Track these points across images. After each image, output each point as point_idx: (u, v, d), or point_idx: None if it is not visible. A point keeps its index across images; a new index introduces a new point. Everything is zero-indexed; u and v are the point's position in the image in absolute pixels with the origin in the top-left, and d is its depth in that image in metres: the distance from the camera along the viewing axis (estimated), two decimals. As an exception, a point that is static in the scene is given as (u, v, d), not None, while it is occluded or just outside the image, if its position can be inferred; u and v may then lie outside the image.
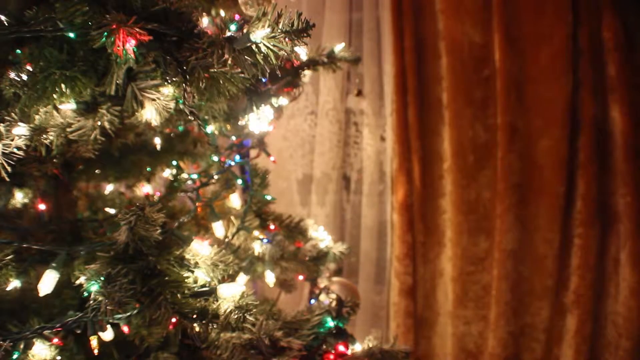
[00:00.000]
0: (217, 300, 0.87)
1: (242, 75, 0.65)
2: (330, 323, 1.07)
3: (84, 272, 0.81)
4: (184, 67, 0.64)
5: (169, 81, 0.67)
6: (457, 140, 1.95)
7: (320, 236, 1.43)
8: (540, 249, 1.92)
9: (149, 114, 0.73)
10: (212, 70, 0.63)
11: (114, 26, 0.59)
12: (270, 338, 0.91)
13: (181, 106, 0.70)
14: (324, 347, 1.04)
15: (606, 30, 1.78)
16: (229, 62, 0.61)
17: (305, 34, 0.60)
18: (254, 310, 0.88)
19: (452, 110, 1.95)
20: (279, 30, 0.59)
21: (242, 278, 1.25)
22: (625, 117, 1.77)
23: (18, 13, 0.68)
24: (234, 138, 1.35)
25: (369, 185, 2.21)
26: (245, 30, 0.61)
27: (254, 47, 0.60)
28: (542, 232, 1.91)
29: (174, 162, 1.38)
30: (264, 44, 0.59)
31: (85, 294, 0.80)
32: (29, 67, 0.68)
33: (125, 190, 1.46)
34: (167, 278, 0.83)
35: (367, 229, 2.22)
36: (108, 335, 0.84)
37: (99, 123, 0.85)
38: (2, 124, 0.70)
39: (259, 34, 0.58)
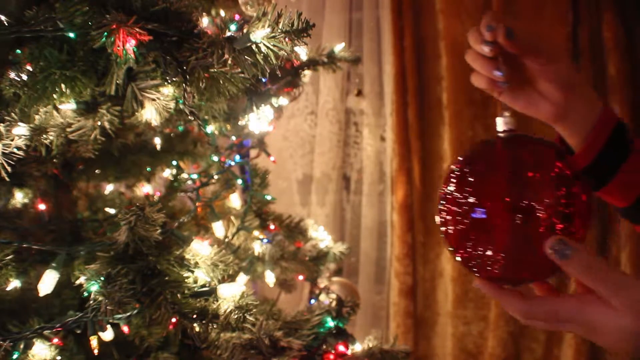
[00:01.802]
0: (217, 300, 0.87)
1: (242, 75, 0.65)
2: (330, 323, 1.06)
3: (84, 272, 0.81)
4: (184, 67, 0.64)
5: (169, 81, 0.67)
6: (457, 140, 1.95)
7: (320, 236, 1.43)
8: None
9: (149, 114, 0.73)
10: (212, 70, 0.63)
11: (114, 26, 0.59)
12: (270, 338, 0.91)
13: (181, 106, 0.70)
14: (324, 347, 1.04)
15: (606, 30, 1.78)
16: (229, 62, 0.61)
17: (305, 34, 0.60)
18: (254, 310, 0.88)
19: (452, 110, 1.95)
20: (279, 30, 0.59)
21: (242, 278, 1.25)
22: (625, 117, 1.77)
23: (18, 13, 0.68)
24: (234, 138, 1.35)
25: (369, 185, 2.21)
26: (245, 30, 0.61)
27: (254, 47, 0.59)
28: (542, 232, 1.91)
29: (174, 162, 1.38)
30: (264, 44, 0.59)
31: (85, 294, 0.80)
32: (29, 67, 0.68)
33: (125, 190, 1.46)
34: (167, 278, 0.83)
35: (367, 229, 2.22)
36: (108, 335, 0.84)
37: (99, 123, 0.85)
38: (2, 124, 0.70)
39: (259, 34, 0.58)
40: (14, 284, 0.92)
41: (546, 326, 0.56)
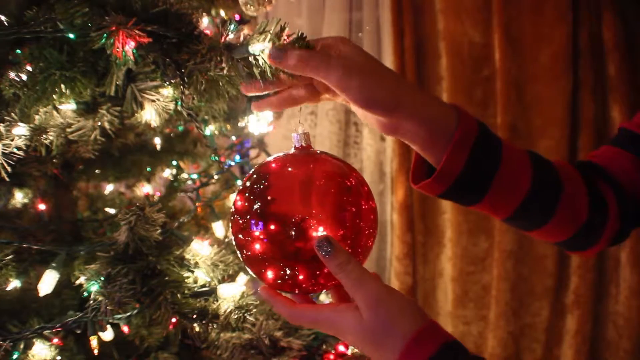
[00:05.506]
0: (217, 300, 0.87)
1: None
2: (330, 323, 1.06)
3: (84, 272, 0.82)
4: (182, 70, 0.64)
5: (168, 83, 0.67)
6: (457, 140, 1.95)
7: (320, 236, 1.42)
8: (540, 249, 1.92)
9: (149, 114, 0.73)
10: (211, 73, 0.63)
11: (114, 28, 0.59)
12: (270, 338, 0.91)
13: (179, 108, 0.70)
14: (324, 347, 1.04)
15: (606, 30, 1.78)
16: (226, 70, 0.61)
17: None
18: (254, 310, 0.88)
19: (452, 110, 1.95)
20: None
21: (242, 278, 1.25)
22: (625, 117, 1.77)
23: (18, 13, 0.69)
24: (234, 138, 1.35)
25: (369, 185, 2.20)
26: (243, 39, 0.61)
27: (251, 59, 0.59)
28: (542, 232, 1.91)
29: (174, 162, 1.38)
30: (262, 58, 0.59)
31: (85, 294, 0.80)
32: (29, 68, 0.68)
33: (125, 190, 1.46)
34: (167, 278, 0.83)
35: (367, 229, 2.22)
36: (108, 335, 0.84)
37: (99, 123, 0.85)
38: (2, 124, 0.71)
39: (258, 47, 0.58)
40: (14, 284, 0.92)
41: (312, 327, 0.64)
